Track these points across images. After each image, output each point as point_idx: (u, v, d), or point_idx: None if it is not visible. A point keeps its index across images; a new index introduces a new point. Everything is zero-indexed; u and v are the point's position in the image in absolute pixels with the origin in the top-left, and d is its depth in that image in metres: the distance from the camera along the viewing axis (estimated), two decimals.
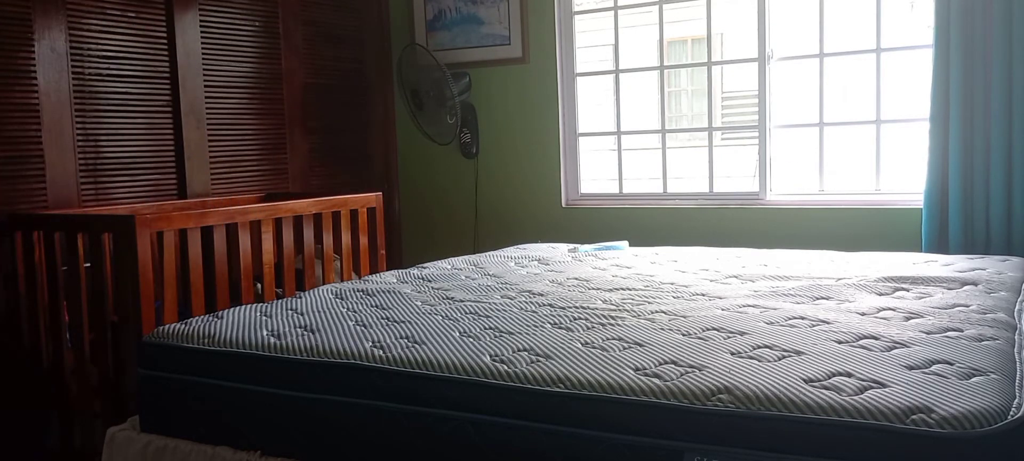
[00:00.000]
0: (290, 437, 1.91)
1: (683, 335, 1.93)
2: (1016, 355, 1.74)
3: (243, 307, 2.41)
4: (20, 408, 2.98)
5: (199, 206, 3.57)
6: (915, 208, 3.55)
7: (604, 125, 4.70)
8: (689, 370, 1.66)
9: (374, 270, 3.73)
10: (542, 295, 2.47)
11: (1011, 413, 1.39)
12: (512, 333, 2.01)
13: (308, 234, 3.38)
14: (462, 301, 2.43)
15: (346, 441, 1.83)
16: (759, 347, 1.79)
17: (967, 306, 2.14)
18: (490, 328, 2.06)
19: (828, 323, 1.99)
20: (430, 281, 2.80)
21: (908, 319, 2.02)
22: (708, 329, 1.97)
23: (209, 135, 3.78)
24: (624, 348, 1.84)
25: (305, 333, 2.08)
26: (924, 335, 1.86)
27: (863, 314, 2.09)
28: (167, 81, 3.62)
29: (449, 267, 3.06)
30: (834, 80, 4.01)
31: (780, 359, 1.70)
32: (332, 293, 2.61)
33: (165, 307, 2.79)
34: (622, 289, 2.54)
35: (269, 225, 3.20)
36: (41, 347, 2.98)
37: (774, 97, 3.94)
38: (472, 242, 4.58)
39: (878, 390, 1.49)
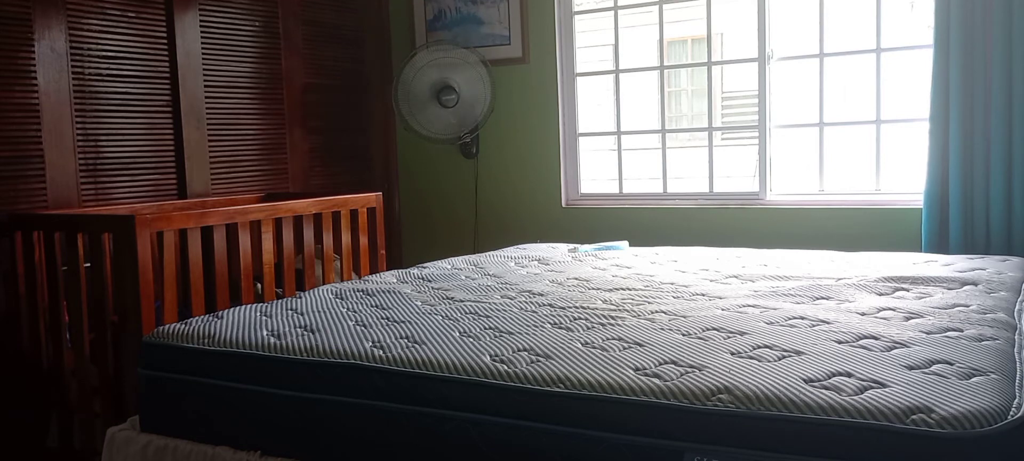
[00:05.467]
0: (290, 437, 1.90)
1: (683, 335, 1.93)
2: (1016, 355, 1.74)
3: (243, 307, 2.41)
4: (20, 408, 2.98)
5: (199, 206, 3.57)
6: (915, 208, 3.55)
7: (604, 125, 4.70)
8: (689, 370, 1.66)
9: (374, 270, 3.73)
10: (542, 295, 2.47)
11: (1011, 413, 1.39)
12: (512, 333, 2.01)
13: (308, 234, 3.38)
14: (462, 301, 2.43)
15: (346, 441, 1.83)
16: (759, 347, 1.79)
17: (967, 306, 2.14)
18: (490, 328, 2.06)
19: (828, 323, 1.99)
20: (430, 281, 2.80)
21: (908, 319, 2.02)
22: (708, 329, 1.97)
23: (209, 135, 3.78)
24: (624, 348, 1.84)
25: (305, 333, 2.08)
26: (924, 335, 1.85)
27: (863, 314, 2.09)
28: (167, 81, 3.62)
29: (449, 267, 3.06)
30: (834, 80, 4.01)
31: (780, 359, 1.70)
32: (332, 293, 2.61)
33: (165, 307, 2.79)
34: (622, 289, 2.54)
35: (269, 225, 3.20)
36: (41, 347, 2.98)
37: (774, 97, 3.94)
38: (472, 242, 4.58)
39: (878, 390, 1.49)
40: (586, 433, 1.58)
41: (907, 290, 2.37)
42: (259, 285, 3.22)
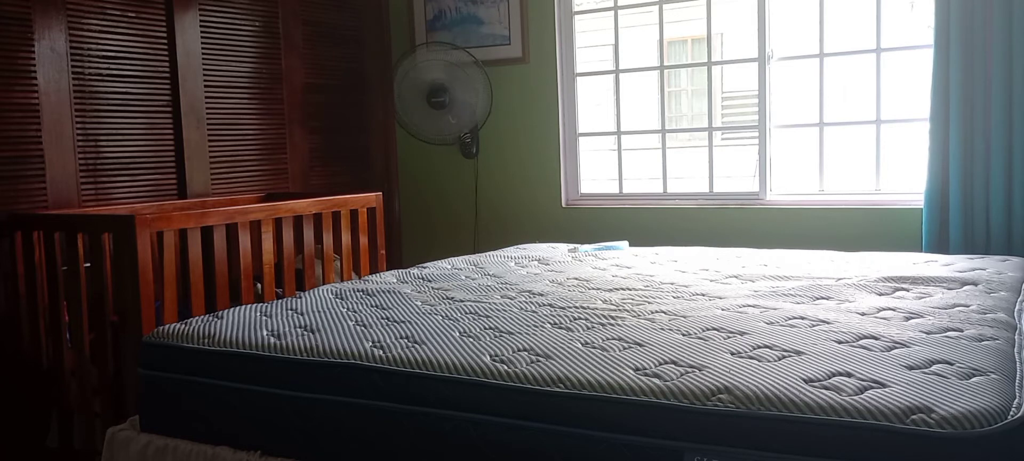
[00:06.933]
0: (290, 437, 1.90)
1: (683, 335, 1.93)
2: (1016, 355, 1.74)
3: (243, 307, 2.41)
4: (20, 408, 2.98)
5: (199, 206, 3.57)
6: (915, 208, 3.55)
7: (604, 125, 4.70)
8: (689, 370, 1.66)
9: (374, 270, 3.73)
10: (542, 295, 2.47)
11: (1011, 413, 1.39)
12: (512, 333, 2.01)
13: (308, 234, 3.38)
14: (462, 301, 2.43)
15: (346, 441, 1.83)
16: (759, 347, 1.79)
17: (967, 306, 2.14)
18: (490, 328, 2.06)
19: (828, 323, 1.99)
20: (430, 281, 2.80)
21: (908, 319, 2.02)
22: (708, 329, 1.97)
23: (209, 135, 3.78)
24: (624, 348, 1.84)
25: (305, 333, 2.08)
26: (924, 335, 1.85)
27: (863, 314, 2.09)
28: (167, 81, 3.62)
29: (449, 267, 3.06)
30: (834, 80, 4.01)
31: (780, 359, 1.70)
32: (332, 293, 2.61)
33: (165, 307, 2.79)
34: (622, 289, 2.54)
35: (269, 225, 3.20)
36: (41, 347, 2.98)
37: (774, 97, 3.94)
38: (472, 242, 4.58)
39: (878, 390, 1.49)
40: (586, 433, 1.58)
41: (907, 290, 2.37)
42: (259, 285, 3.22)
